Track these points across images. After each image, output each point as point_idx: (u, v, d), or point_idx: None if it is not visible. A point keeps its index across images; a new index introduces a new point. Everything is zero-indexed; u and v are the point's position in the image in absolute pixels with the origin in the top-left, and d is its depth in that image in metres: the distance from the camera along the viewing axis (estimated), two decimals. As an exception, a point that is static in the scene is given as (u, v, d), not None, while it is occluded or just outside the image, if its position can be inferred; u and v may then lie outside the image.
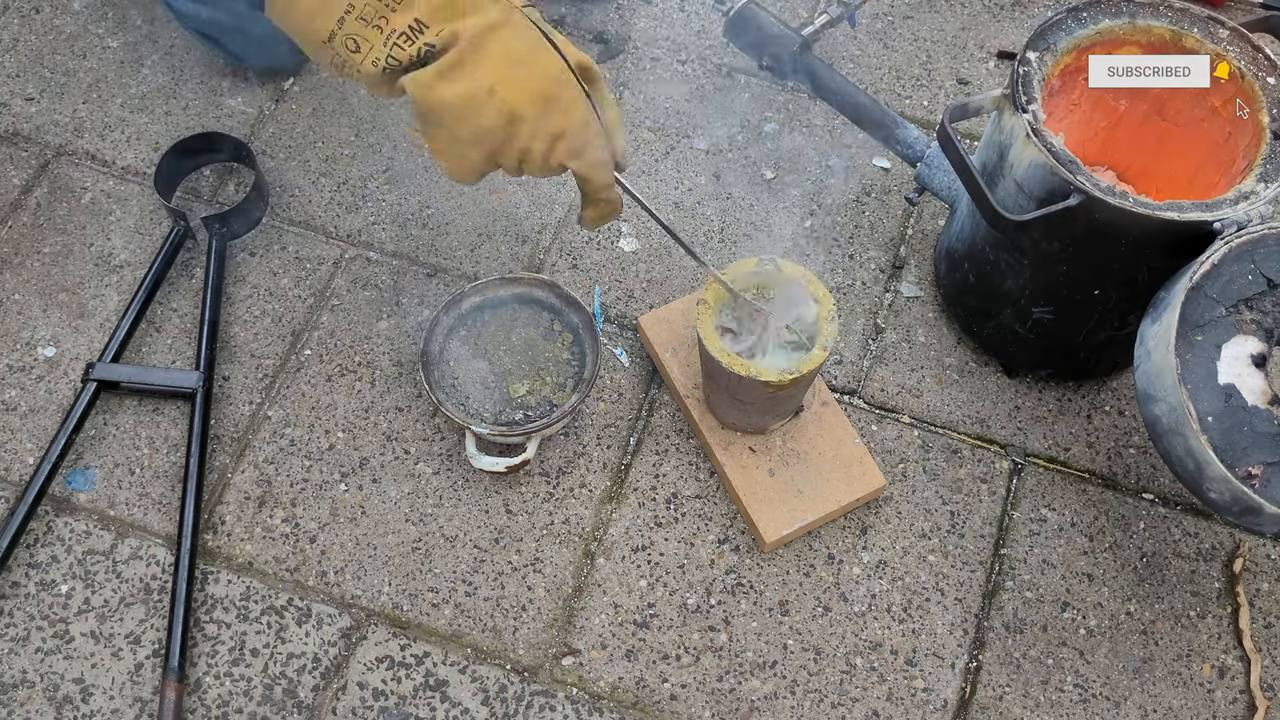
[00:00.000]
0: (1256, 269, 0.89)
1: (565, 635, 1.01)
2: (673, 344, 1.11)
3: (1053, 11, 1.01)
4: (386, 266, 1.19)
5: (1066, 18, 0.99)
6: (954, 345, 1.17)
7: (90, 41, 1.33)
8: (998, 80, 1.35)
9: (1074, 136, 1.09)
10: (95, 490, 1.06)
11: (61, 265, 1.18)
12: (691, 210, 1.23)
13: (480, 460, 1.04)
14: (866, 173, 1.27)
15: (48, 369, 1.12)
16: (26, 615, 1.00)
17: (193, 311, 1.16)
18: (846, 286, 1.19)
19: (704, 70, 1.34)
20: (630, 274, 1.19)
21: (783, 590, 1.04)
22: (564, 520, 1.06)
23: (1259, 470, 0.85)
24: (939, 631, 1.02)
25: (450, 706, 0.98)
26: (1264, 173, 0.93)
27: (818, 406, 1.08)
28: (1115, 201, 0.90)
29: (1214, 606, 1.04)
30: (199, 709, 0.97)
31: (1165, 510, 1.09)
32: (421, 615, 1.02)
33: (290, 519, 1.05)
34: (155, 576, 1.02)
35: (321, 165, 1.25)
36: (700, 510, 1.07)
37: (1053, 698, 1.00)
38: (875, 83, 1.33)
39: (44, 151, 1.25)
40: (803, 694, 0.99)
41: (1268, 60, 0.97)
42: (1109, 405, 1.14)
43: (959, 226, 1.11)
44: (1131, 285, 0.98)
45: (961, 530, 1.07)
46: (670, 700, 0.99)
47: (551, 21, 1.36)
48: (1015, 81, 0.96)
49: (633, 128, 1.29)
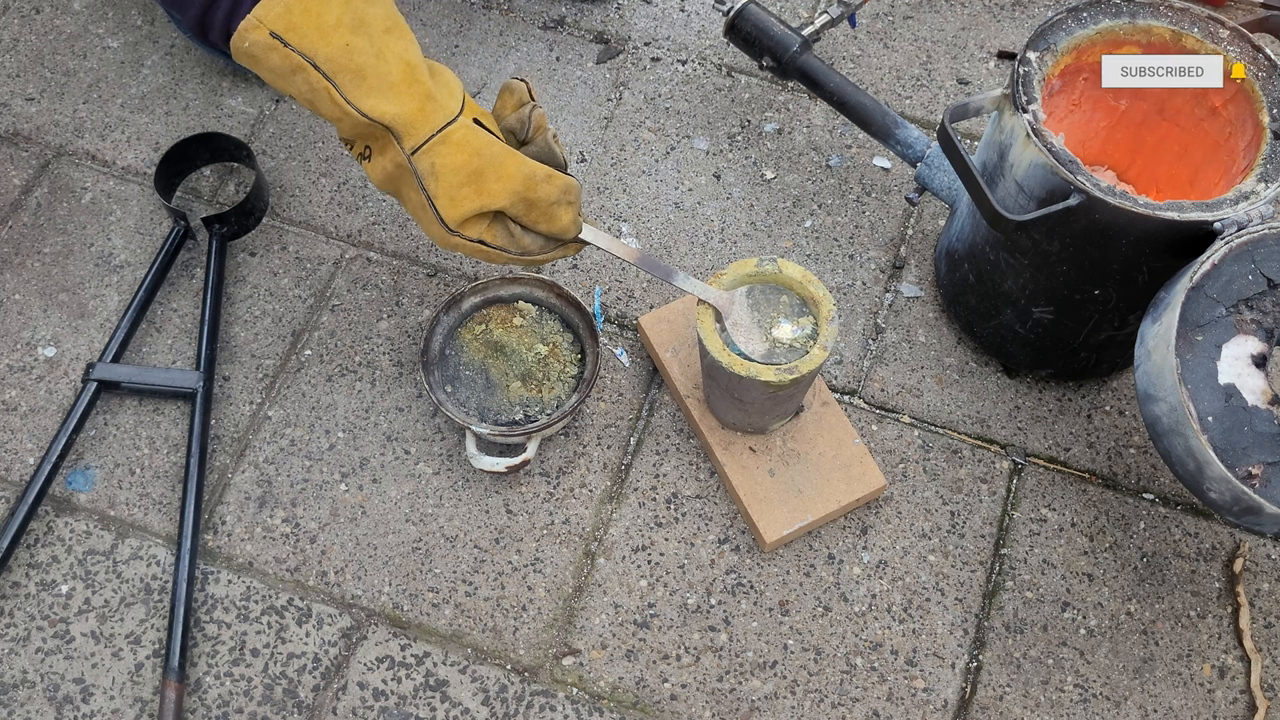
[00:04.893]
0: (1257, 269, 0.89)
1: (565, 635, 1.01)
2: (673, 344, 1.11)
3: (1053, 11, 1.01)
4: (386, 266, 1.19)
5: (1066, 18, 0.99)
6: (954, 345, 1.17)
7: (90, 41, 1.33)
8: (998, 80, 1.35)
9: (1074, 136, 1.09)
10: (95, 490, 1.06)
11: (62, 265, 1.18)
12: (691, 210, 1.23)
13: (480, 460, 1.04)
14: (866, 173, 1.27)
15: (48, 369, 1.12)
16: (27, 615, 1.00)
17: (193, 311, 1.16)
18: (846, 286, 1.19)
19: (704, 70, 1.34)
20: (630, 274, 1.19)
21: (783, 590, 1.04)
22: (564, 520, 1.06)
23: (1259, 470, 0.85)
24: (939, 631, 1.02)
25: (450, 706, 0.98)
26: (1264, 173, 0.93)
27: (818, 406, 1.08)
28: (1115, 201, 0.90)
29: (1214, 606, 1.04)
30: (199, 709, 0.97)
31: (1165, 510, 1.09)
32: (422, 615, 1.02)
33: (290, 519, 1.05)
34: (155, 576, 1.02)
35: (321, 165, 1.25)
36: (700, 510, 1.07)
37: (1053, 698, 1.00)
38: (875, 83, 1.33)
39: (44, 151, 1.25)
40: (803, 694, 0.99)
41: (1268, 60, 0.97)
42: (1109, 405, 1.14)
43: (959, 226, 1.11)
44: (1131, 285, 0.98)
45: (962, 530, 1.07)
46: (670, 700, 0.99)
47: (552, 22, 1.36)
48: (1015, 81, 0.96)
49: (633, 128, 1.29)
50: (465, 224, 0.94)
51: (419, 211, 0.94)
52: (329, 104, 0.89)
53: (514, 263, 0.98)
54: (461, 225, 0.93)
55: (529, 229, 0.97)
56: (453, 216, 0.92)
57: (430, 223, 0.94)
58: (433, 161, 0.91)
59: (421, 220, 0.95)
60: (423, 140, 0.90)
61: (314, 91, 0.89)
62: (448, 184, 0.91)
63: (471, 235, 0.94)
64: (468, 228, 0.94)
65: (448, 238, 0.94)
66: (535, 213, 0.95)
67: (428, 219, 0.94)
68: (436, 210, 0.92)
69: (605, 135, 1.28)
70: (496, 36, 1.35)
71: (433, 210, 0.92)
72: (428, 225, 0.94)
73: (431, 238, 0.96)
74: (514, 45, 1.34)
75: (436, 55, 1.33)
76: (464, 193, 0.92)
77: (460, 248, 0.95)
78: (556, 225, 0.97)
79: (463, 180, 0.92)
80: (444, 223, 0.93)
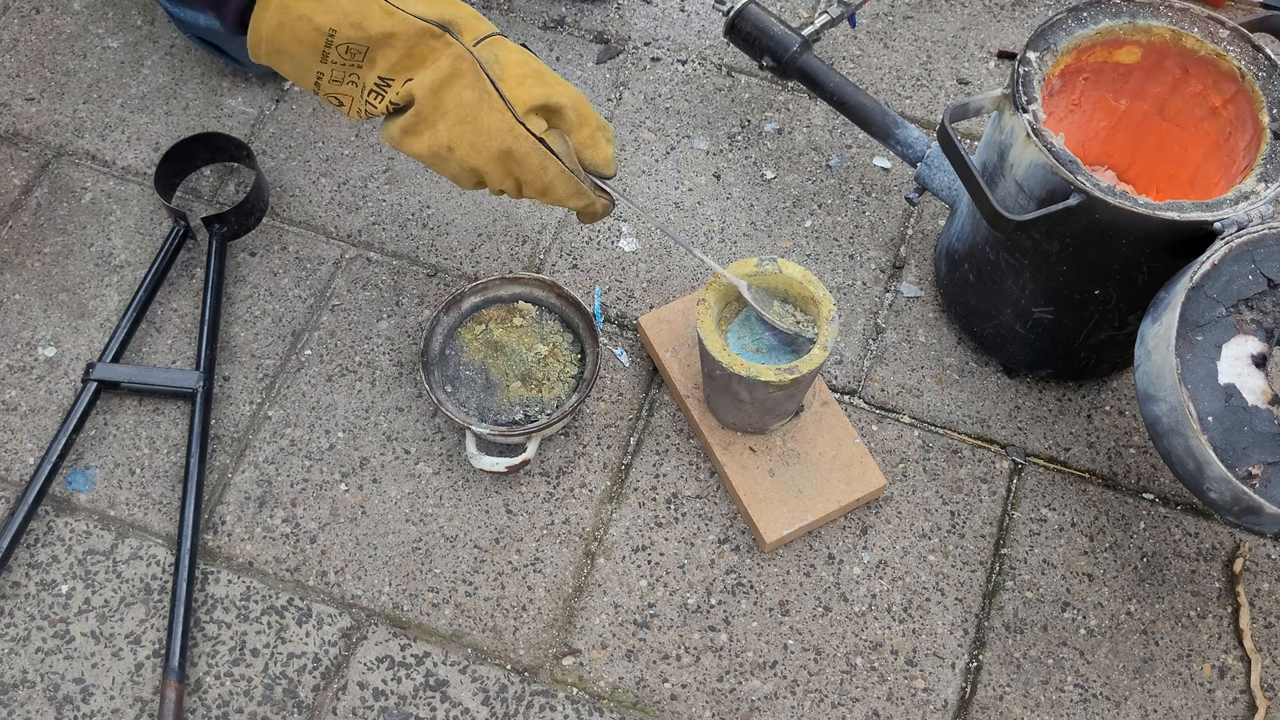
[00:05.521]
0: (1257, 269, 0.89)
1: (565, 635, 1.01)
2: (673, 344, 1.11)
3: (1053, 11, 1.01)
4: (386, 266, 1.19)
5: (1066, 18, 0.99)
6: (954, 345, 1.17)
7: (90, 41, 1.33)
8: (998, 80, 1.35)
9: (1074, 136, 1.09)
10: (95, 490, 1.06)
11: (62, 265, 1.18)
12: (691, 210, 1.23)
13: (480, 460, 1.04)
14: (866, 173, 1.27)
15: (48, 369, 1.12)
16: (27, 615, 1.00)
17: (193, 311, 1.16)
18: (846, 286, 1.19)
19: (704, 70, 1.34)
20: (630, 274, 1.19)
21: (783, 590, 1.04)
22: (564, 520, 1.06)
23: (1259, 470, 0.85)
24: (939, 631, 1.02)
25: (450, 706, 0.98)
26: (1264, 173, 0.93)
27: (818, 406, 1.08)
28: (1115, 201, 0.90)
29: (1214, 606, 1.04)
30: (199, 709, 0.97)
31: (1165, 510, 1.09)
32: (422, 615, 1.02)
33: (290, 519, 1.05)
34: (155, 576, 1.02)
35: (321, 165, 1.25)
36: (700, 510, 1.07)
37: (1053, 698, 1.00)
38: (875, 83, 1.33)
39: (44, 151, 1.25)
40: (803, 694, 0.99)
41: (1268, 60, 0.97)
42: (1109, 405, 1.14)
43: (959, 226, 1.11)
44: (1131, 285, 0.98)
45: (962, 530, 1.07)
46: (670, 700, 0.99)
47: (552, 22, 1.36)
48: (1015, 81, 0.96)
49: (633, 128, 1.29)
50: (529, 116, 0.92)
51: (478, 107, 0.91)
52: (381, 15, 0.88)
53: (562, 182, 0.95)
54: (526, 116, 0.91)
55: (577, 152, 0.96)
56: (522, 99, 0.91)
57: (494, 111, 0.90)
58: (496, 53, 0.91)
59: (480, 115, 0.91)
60: (483, 35, 0.91)
61: (363, 6, 0.88)
62: (514, 72, 0.91)
63: (535, 130, 0.92)
64: (531, 121, 0.92)
65: (514, 126, 0.91)
66: (585, 131, 0.95)
67: (491, 108, 0.91)
68: (504, 96, 0.90)
69: (605, 135, 1.28)
70: (496, 36, 1.35)
71: (499, 96, 0.90)
72: (491, 115, 0.91)
73: (490, 133, 0.91)
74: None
75: (436, 55, 1.33)
76: (529, 82, 0.91)
77: (522, 140, 0.92)
78: (600, 154, 0.96)
79: (527, 73, 0.92)
80: (511, 109, 0.90)
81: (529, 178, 0.94)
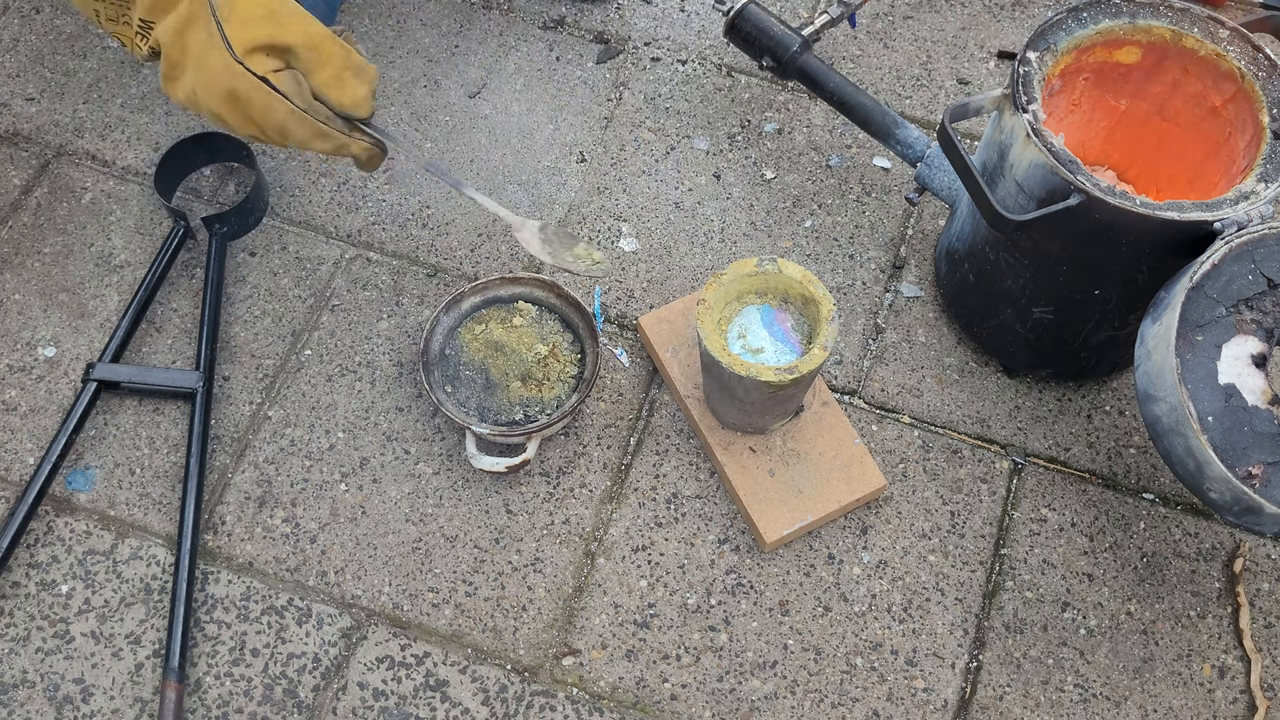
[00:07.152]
0: (1257, 269, 0.89)
1: (565, 635, 1.01)
2: (673, 344, 1.11)
3: (1053, 11, 1.01)
4: (386, 266, 1.19)
5: (1066, 18, 0.99)
6: (954, 345, 1.17)
7: (90, 41, 1.33)
8: (998, 80, 1.35)
9: (1074, 136, 1.09)
10: (95, 490, 1.06)
11: (62, 265, 1.18)
12: (691, 210, 1.23)
13: (480, 460, 1.04)
14: (866, 173, 1.27)
15: (48, 369, 1.12)
16: (27, 615, 1.00)
17: (193, 311, 1.16)
18: (846, 286, 1.19)
19: (704, 70, 1.34)
20: (630, 274, 1.19)
21: (783, 590, 1.04)
22: (564, 520, 1.06)
23: (1259, 470, 0.85)
24: (939, 631, 1.02)
25: (450, 706, 0.98)
26: (1264, 173, 0.93)
27: (818, 406, 1.08)
28: (1115, 201, 0.90)
29: (1214, 606, 1.04)
30: (199, 709, 0.97)
31: (1165, 510, 1.09)
32: (422, 615, 1.02)
33: (290, 519, 1.05)
34: (155, 576, 1.02)
35: (321, 165, 1.25)
36: (700, 510, 1.07)
37: (1053, 698, 1.00)
38: (875, 83, 1.33)
39: (44, 151, 1.25)
40: (803, 694, 0.99)
41: (1268, 60, 0.97)
42: (1109, 405, 1.14)
43: (959, 226, 1.11)
44: (1131, 285, 0.98)
45: (962, 530, 1.07)
46: (670, 700, 0.99)
47: (552, 22, 1.36)
48: (1015, 81, 0.96)
49: (633, 128, 1.29)
50: (252, 56, 0.87)
51: (205, 48, 0.87)
52: None
53: (295, 123, 0.91)
54: (248, 56, 0.87)
55: (319, 94, 0.92)
56: (242, 40, 0.86)
57: (215, 50, 0.87)
58: None
59: (206, 58, 0.87)
60: None
61: None
62: (243, 14, 0.87)
63: (257, 70, 0.88)
64: (254, 60, 0.87)
65: (231, 65, 0.87)
66: (327, 71, 0.90)
67: (213, 49, 0.87)
68: (225, 37, 0.87)
69: (605, 135, 1.28)
70: (496, 36, 1.35)
71: (220, 37, 0.87)
72: (211, 56, 0.87)
73: (209, 77, 0.88)
74: (514, 45, 1.34)
75: (436, 55, 1.33)
76: (257, 22, 0.87)
77: (240, 79, 0.88)
78: (348, 95, 0.91)
79: (259, 14, 0.87)
80: (230, 49, 0.86)
81: (258, 118, 0.90)
